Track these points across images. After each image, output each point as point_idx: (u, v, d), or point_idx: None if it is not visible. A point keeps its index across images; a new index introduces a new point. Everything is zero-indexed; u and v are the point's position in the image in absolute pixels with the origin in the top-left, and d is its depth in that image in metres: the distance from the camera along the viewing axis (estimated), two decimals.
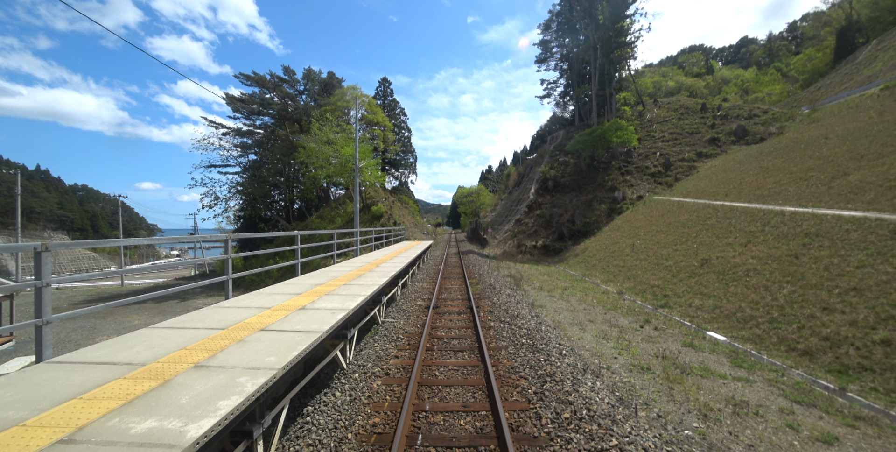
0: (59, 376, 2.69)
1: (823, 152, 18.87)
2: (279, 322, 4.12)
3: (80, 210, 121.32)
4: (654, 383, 5.41)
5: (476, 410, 4.05)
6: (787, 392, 5.48)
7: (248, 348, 3.30)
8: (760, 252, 11.72)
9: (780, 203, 15.26)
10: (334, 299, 5.43)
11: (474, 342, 6.34)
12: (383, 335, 6.82)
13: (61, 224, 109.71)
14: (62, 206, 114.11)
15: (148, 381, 2.59)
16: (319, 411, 4.09)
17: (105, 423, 2.05)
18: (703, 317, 9.94)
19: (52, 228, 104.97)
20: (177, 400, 2.32)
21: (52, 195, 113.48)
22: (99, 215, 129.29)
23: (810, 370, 6.48)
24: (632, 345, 7.24)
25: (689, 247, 15.14)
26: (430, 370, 5.16)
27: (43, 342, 3.09)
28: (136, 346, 3.36)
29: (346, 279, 7.28)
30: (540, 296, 11.84)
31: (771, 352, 7.46)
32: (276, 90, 43.31)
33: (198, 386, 2.52)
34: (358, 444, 3.46)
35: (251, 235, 5.92)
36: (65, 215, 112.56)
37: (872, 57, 42.73)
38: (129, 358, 3.04)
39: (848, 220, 10.90)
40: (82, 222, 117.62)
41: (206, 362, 2.96)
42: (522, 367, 5.23)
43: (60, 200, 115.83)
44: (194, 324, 4.09)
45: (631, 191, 29.29)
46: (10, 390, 2.46)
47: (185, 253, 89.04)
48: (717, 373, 6.06)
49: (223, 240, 5.54)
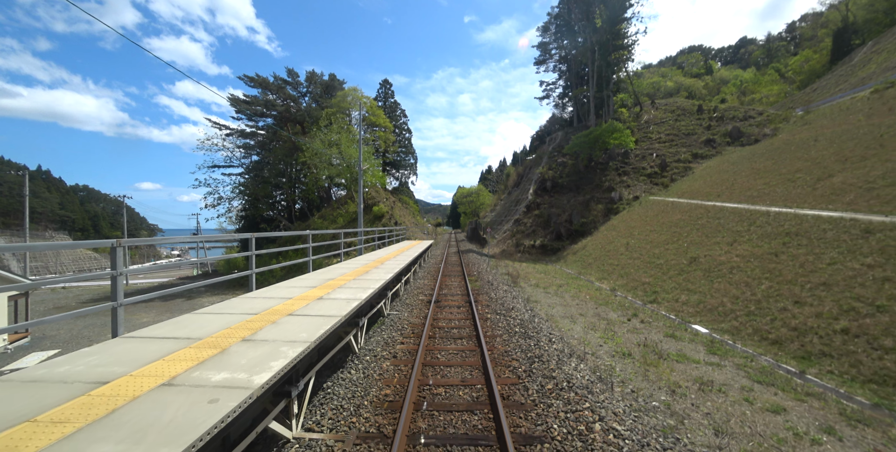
0: (136, 346, 3.35)
1: (812, 154, 19.51)
2: (303, 309, 4.77)
3: (82, 210, 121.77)
4: (632, 366, 6.06)
5: (473, 384, 4.70)
6: (751, 375, 6.13)
7: (281, 327, 3.95)
8: (744, 251, 12.37)
9: (768, 204, 15.90)
10: (346, 291, 6.08)
11: (472, 331, 7.00)
12: (389, 326, 7.47)
13: (63, 224, 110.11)
14: (63, 206, 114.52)
15: (209, 349, 3.25)
16: (338, 385, 4.75)
17: (190, 374, 2.70)
18: (688, 311, 10.59)
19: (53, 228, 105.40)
20: (237, 362, 2.97)
21: (53, 196, 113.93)
22: (100, 215, 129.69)
23: (777, 357, 7.14)
24: (617, 335, 7.89)
25: (679, 246, 15.79)
26: (433, 354, 5.82)
27: (118, 321, 3.74)
28: (187, 326, 4.02)
29: (355, 275, 7.93)
30: (535, 292, 12.48)
31: (745, 342, 8.11)
32: (278, 92, 43.98)
33: (250, 353, 3.17)
34: (373, 409, 4.11)
35: (272, 234, 6.55)
36: (66, 216, 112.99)
37: (867, 59, 43.32)
38: (187, 335, 3.69)
39: (826, 220, 11.55)
40: (83, 223, 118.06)
41: (251, 337, 3.62)
42: (514, 351, 5.89)
43: (62, 200, 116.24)
44: (230, 310, 4.75)
45: (627, 191, 29.93)
46: (103, 355, 3.12)
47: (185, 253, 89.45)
48: (691, 359, 6.71)
49: (246, 239, 6.18)
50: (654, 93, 68.48)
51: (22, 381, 2.60)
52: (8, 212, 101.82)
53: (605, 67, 40.65)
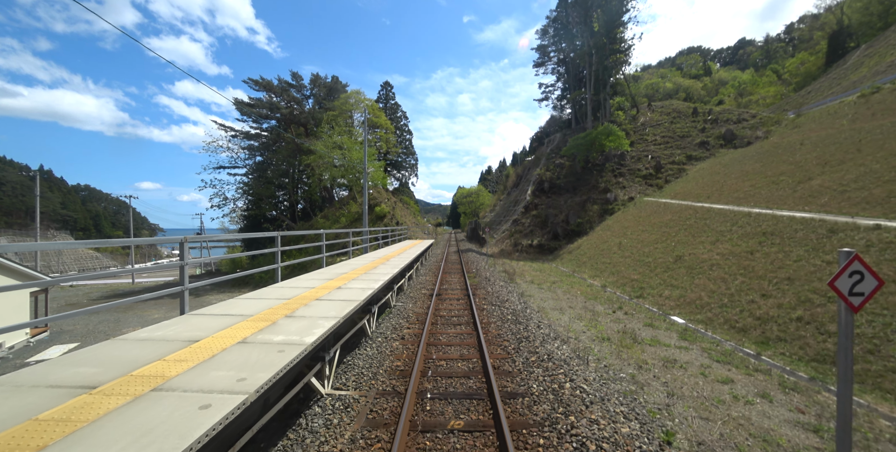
0: (205, 320, 4.25)
1: (796, 158, 20.41)
2: (326, 295, 5.68)
3: (83, 210, 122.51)
4: (609, 348, 6.96)
5: (469, 358, 5.61)
6: (713, 356, 7.03)
7: (313, 308, 4.85)
8: (725, 249, 13.27)
9: (751, 205, 16.80)
10: (360, 282, 6.99)
11: (470, 319, 7.90)
12: (396, 314, 8.38)
13: (64, 224, 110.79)
14: (65, 206, 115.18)
15: (263, 322, 4.15)
16: (357, 358, 5.66)
17: (256, 337, 3.61)
18: (670, 305, 11.49)
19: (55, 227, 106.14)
20: (288, 329, 3.88)
21: (55, 195, 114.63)
22: (101, 214, 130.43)
23: (740, 342, 8.04)
24: (600, 324, 8.79)
25: (667, 245, 16.69)
26: (436, 336, 6.72)
27: (184, 301, 4.65)
28: (236, 308, 4.92)
29: (364, 270, 8.84)
30: (530, 288, 13.39)
31: (716, 330, 9.01)
32: (282, 95, 44.91)
33: (295, 325, 4.08)
34: (387, 375, 5.02)
35: (295, 233, 7.45)
36: (68, 215, 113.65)
37: (859, 62, 44.15)
38: (239, 312, 4.60)
39: (799, 221, 12.45)
40: (85, 222, 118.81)
41: (291, 314, 4.52)
42: (506, 334, 6.79)
43: (63, 200, 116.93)
44: (266, 296, 5.65)
45: (623, 193, 30.82)
46: (184, 326, 4.03)
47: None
48: (663, 343, 7.61)
49: (274, 237, 7.08)
50: (653, 94, 69.30)
51: (137, 339, 3.51)
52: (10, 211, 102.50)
53: (602, 71, 41.57)
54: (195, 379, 2.61)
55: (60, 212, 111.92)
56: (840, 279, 2.12)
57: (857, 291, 2.05)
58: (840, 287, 2.11)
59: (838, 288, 2.12)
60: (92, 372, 2.72)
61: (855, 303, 2.04)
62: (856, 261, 2.06)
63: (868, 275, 2.04)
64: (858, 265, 2.05)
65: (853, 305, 2.06)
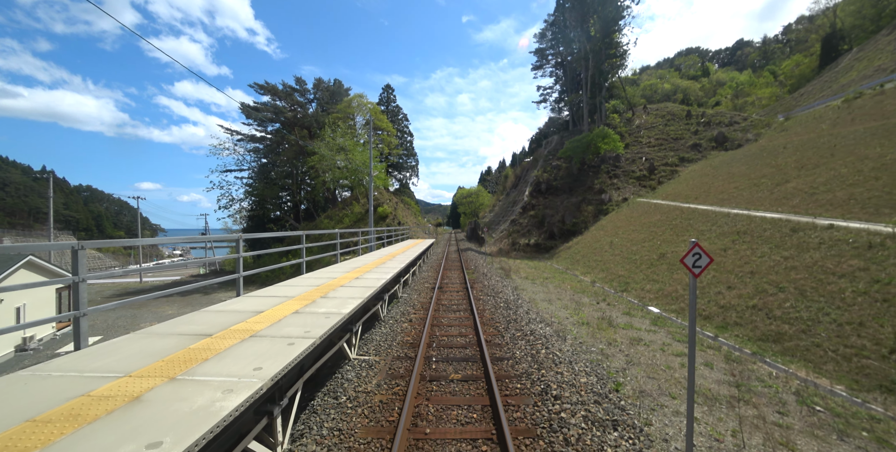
0: (257, 301, 5.44)
1: (778, 161, 21.56)
2: (348, 283, 6.86)
3: (85, 210, 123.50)
4: (586, 330, 8.13)
5: (466, 335, 6.79)
6: (675, 337, 8.20)
7: (340, 292, 6.03)
8: (703, 247, 14.42)
9: (732, 206, 17.96)
10: (373, 274, 8.17)
11: (467, 306, 9.08)
12: (403, 303, 9.56)
13: (67, 224, 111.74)
14: (67, 206, 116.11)
15: (304, 301, 5.33)
16: (374, 334, 6.85)
17: (305, 309, 4.79)
18: (650, 297, 12.66)
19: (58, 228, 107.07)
20: (326, 305, 5.06)
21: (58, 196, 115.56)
22: (103, 215, 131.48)
23: (703, 327, 9.21)
24: (583, 312, 9.96)
25: (653, 244, 17.86)
26: (438, 320, 7.90)
27: (240, 287, 5.83)
28: (277, 292, 6.09)
29: (374, 265, 10.01)
30: (524, 283, 14.57)
31: (685, 318, 10.18)
32: (286, 99, 46.10)
33: (330, 303, 5.24)
34: (400, 346, 6.20)
35: (317, 231, 8.61)
36: (70, 216, 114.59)
37: (850, 66, 45.24)
38: (283, 294, 5.78)
39: (769, 221, 13.61)
40: (87, 222, 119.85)
41: (326, 295, 5.70)
42: (498, 318, 7.97)
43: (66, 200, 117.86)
44: (299, 284, 6.83)
45: (617, 194, 31.98)
46: (243, 303, 5.21)
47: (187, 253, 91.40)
48: (635, 327, 8.78)
49: (300, 236, 8.25)
50: (651, 95, 70.31)
51: (216, 311, 4.69)
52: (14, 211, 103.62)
53: (598, 75, 42.72)
54: (277, 331, 3.80)
55: (63, 213, 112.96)
56: (687, 257, 3.30)
57: (697, 264, 3.23)
58: (687, 262, 3.30)
59: (686, 263, 3.30)
60: (202, 328, 3.91)
61: (696, 272, 3.24)
62: (696, 247, 3.26)
63: (703, 255, 3.21)
64: (698, 250, 3.24)
65: (695, 273, 3.25)
